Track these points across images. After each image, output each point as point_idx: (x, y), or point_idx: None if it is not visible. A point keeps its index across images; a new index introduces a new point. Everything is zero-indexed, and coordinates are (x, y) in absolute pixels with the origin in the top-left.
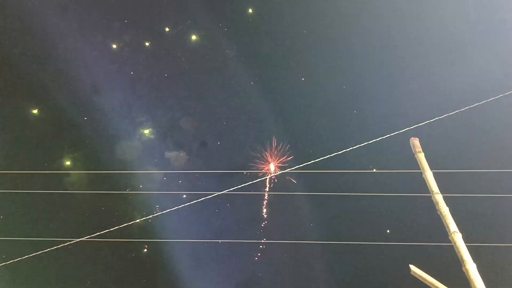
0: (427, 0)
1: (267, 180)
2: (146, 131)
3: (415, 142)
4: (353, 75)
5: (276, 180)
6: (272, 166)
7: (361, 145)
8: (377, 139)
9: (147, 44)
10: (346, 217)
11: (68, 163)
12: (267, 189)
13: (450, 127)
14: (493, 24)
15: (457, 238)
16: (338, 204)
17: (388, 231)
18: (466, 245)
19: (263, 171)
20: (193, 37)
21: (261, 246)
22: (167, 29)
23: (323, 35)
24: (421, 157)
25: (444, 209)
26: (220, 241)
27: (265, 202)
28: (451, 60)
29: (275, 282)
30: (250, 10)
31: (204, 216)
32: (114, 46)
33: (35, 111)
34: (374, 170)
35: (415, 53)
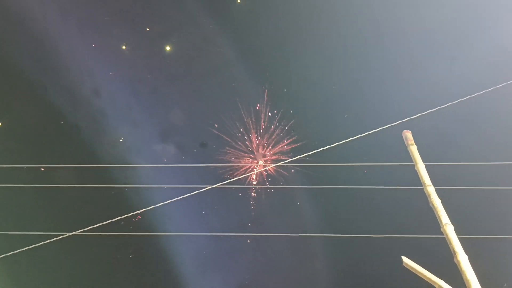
0: None
1: (255, 175)
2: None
3: (408, 134)
4: (343, 69)
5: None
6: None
7: (353, 138)
8: (369, 132)
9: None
10: (338, 210)
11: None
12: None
13: (443, 120)
14: (484, 18)
15: (449, 230)
16: (330, 197)
17: (380, 223)
18: (457, 237)
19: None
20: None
21: (248, 241)
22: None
23: (312, 28)
24: (414, 149)
25: (436, 201)
26: (218, 234)
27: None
28: (443, 53)
29: (268, 273)
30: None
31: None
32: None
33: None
34: (366, 163)
35: (407, 45)
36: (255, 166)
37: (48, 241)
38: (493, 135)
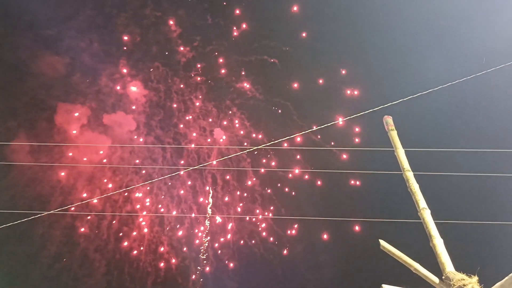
0: None
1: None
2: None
3: (388, 120)
4: (327, 54)
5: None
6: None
7: (335, 122)
8: (351, 117)
9: None
10: (319, 194)
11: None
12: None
13: (423, 106)
14: (470, 6)
15: (426, 214)
16: (311, 181)
17: (359, 207)
18: (434, 221)
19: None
20: None
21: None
22: None
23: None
24: (394, 134)
25: (414, 186)
26: (193, 215)
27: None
28: (425, 40)
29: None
30: None
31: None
32: None
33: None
34: (347, 147)
35: (390, 33)
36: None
37: (25, 219)
38: (473, 122)
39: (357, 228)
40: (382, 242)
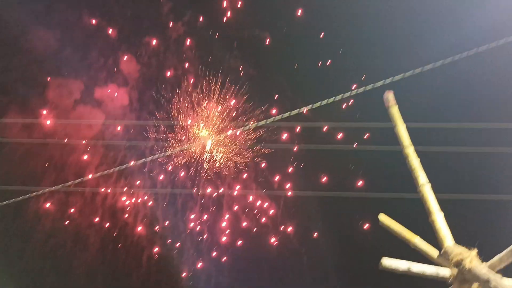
0: None
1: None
2: None
3: (389, 95)
4: (325, 29)
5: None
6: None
7: (334, 98)
8: (351, 92)
9: None
10: (318, 169)
11: None
12: None
13: (425, 81)
14: None
15: (426, 189)
16: (310, 157)
17: (360, 183)
18: (434, 196)
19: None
20: None
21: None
22: None
23: None
24: (395, 110)
25: (414, 162)
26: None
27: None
28: (426, 15)
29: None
30: None
31: None
32: None
33: None
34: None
35: (389, 7)
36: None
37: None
38: (475, 97)
39: (357, 204)
40: (381, 216)
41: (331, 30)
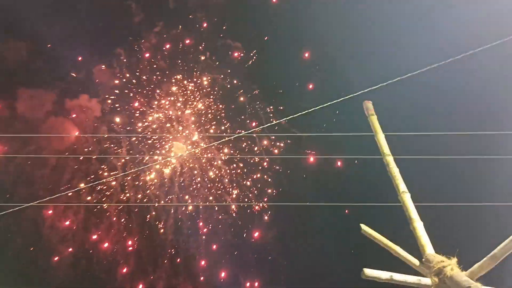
0: None
1: None
2: None
3: (368, 105)
4: (307, 39)
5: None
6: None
7: (316, 108)
8: (331, 103)
9: None
10: (298, 178)
11: None
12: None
13: (403, 90)
14: None
15: (406, 198)
16: (290, 165)
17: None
18: (414, 205)
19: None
20: None
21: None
22: None
23: None
24: (374, 119)
25: (395, 170)
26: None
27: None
28: (404, 23)
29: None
30: None
31: None
32: None
33: None
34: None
35: (368, 16)
36: None
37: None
38: (451, 106)
39: (337, 213)
40: (363, 226)
41: (309, 42)
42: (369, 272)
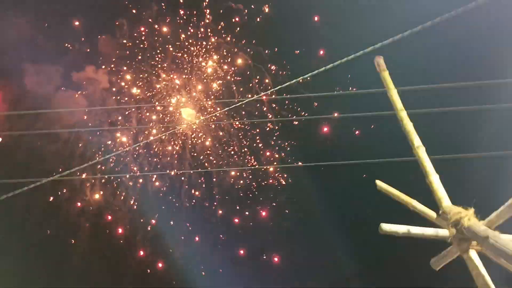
0: None
1: None
2: None
3: (380, 60)
4: None
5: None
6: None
7: (326, 67)
8: (342, 60)
9: None
10: (312, 139)
11: None
12: None
13: (414, 44)
14: None
15: (421, 152)
16: (304, 126)
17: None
18: (429, 158)
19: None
20: None
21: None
22: None
23: None
24: (386, 75)
25: (409, 125)
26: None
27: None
28: None
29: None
30: None
31: None
32: None
33: None
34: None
35: None
36: None
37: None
38: (466, 57)
39: (352, 171)
40: (378, 182)
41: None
42: (386, 227)
